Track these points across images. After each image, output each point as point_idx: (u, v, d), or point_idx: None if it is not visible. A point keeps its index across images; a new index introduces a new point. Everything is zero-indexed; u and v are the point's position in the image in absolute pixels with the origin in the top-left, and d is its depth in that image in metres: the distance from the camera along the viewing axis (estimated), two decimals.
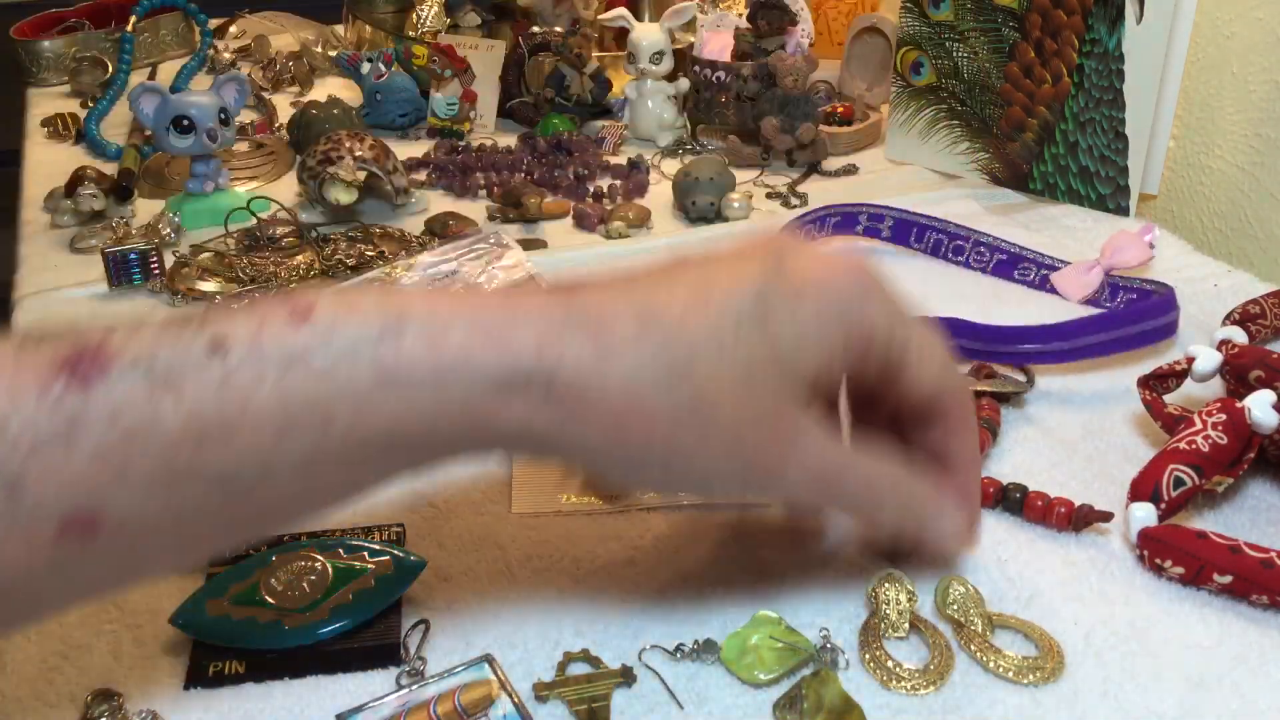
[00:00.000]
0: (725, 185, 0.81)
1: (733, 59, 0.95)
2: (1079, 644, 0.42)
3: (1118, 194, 0.79)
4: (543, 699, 0.40)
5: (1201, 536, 0.45)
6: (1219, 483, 0.48)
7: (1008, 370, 0.60)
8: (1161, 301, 0.59)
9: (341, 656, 0.42)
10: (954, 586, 0.44)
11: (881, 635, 0.43)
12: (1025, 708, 0.40)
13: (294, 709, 0.40)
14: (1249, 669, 0.41)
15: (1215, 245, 0.80)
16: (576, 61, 0.98)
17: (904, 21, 0.86)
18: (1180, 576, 0.45)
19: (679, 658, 0.42)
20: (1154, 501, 0.47)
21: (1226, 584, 0.44)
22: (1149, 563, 0.46)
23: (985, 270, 0.72)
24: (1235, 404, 0.48)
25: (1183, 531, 0.45)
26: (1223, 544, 0.44)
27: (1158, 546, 0.45)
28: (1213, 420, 0.48)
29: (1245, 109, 0.77)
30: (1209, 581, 0.44)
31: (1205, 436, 0.48)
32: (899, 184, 0.87)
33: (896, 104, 0.89)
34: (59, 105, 1.08)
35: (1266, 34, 0.74)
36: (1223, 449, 0.47)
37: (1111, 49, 0.76)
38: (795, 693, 0.40)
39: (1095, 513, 0.47)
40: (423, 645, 0.43)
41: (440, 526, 0.49)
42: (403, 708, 0.39)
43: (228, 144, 0.81)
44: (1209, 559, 0.44)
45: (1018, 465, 0.53)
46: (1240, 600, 0.44)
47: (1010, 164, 0.84)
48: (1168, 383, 0.54)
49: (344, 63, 1.07)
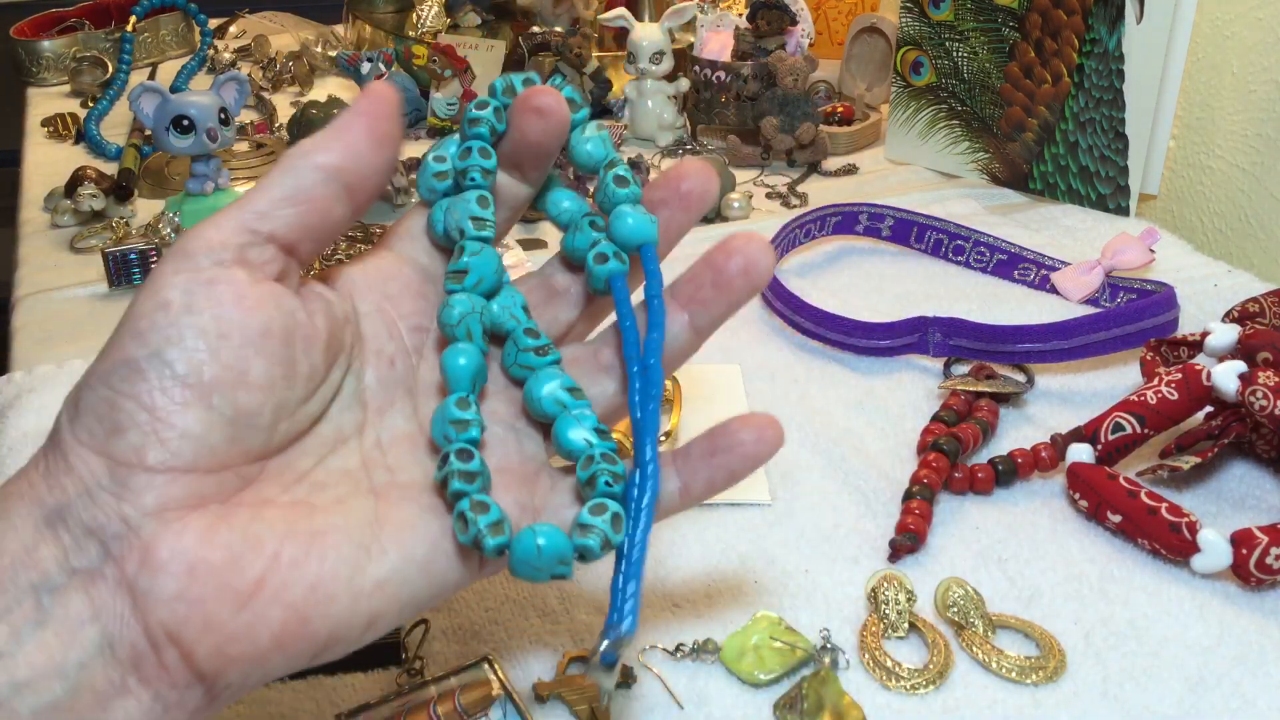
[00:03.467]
0: (725, 185, 0.81)
1: (733, 59, 0.95)
2: (1079, 644, 0.43)
3: (1118, 194, 0.79)
4: (543, 699, 0.40)
5: (1112, 478, 0.48)
6: (1186, 461, 0.49)
7: (1008, 370, 0.60)
8: (1161, 300, 0.59)
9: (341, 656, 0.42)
10: (954, 588, 0.44)
11: (881, 635, 0.43)
12: (1025, 708, 0.40)
13: (294, 709, 0.40)
14: (1249, 669, 0.41)
15: (1215, 245, 0.80)
16: (576, 61, 0.98)
17: (904, 21, 0.86)
18: (1085, 510, 0.49)
19: (679, 658, 0.42)
20: (1091, 443, 0.50)
21: (1118, 523, 0.47)
22: (1068, 496, 0.50)
23: (985, 270, 0.72)
24: (1194, 367, 0.50)
25: (1099, 471, 0.49)
26: (1124, 487, 0.47)
27: (1076, 481, 0.49)
28: (1169, 379, 0.51)
29: (1245, 109, 0.77)
30: (1105, 519, 0.48)
31: (1156, 391, 0.50)
32: (899, 184, 0.87)
33: (896, 104, 0.89)
34: (59, 105, 1.08)
35: (1266, 34, 0.74)
36: (1170, 404, 0.50)
37: (1111, 49, 0.76)
38: (795, 693, 0.40)
39: (1074, 432, 0.52)
40: (422, 645, 0.43)
41: None
42: (403, 708, 0.39)
43: (228, 144, 0.81)
44: (1107, 497, 0.47)
45: None
46: (1132, 543, 0.47)
47: (1010, 164, 0.84)
48: (1179, 350, 0.55)
49: (344, 63, 1.06)
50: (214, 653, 0.26)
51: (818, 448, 0.55)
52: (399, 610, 0.29)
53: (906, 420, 0.57)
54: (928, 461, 0.51)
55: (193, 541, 0.26)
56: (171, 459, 0.27)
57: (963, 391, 0.56)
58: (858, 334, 0.61)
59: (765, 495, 0.51)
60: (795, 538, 0.48)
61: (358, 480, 0.31)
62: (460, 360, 0.32)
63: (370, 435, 0.32)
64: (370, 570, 0.29)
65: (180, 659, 0.26)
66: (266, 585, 0.27)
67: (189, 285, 0.28)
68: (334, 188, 0.30)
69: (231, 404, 0.28)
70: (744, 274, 0.34)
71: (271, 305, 0.29)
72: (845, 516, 0.50)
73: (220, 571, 0.26)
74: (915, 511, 0.48)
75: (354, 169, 0.30)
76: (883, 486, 0.52)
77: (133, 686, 0.26)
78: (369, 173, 0.31)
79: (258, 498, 0.29)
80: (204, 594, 0.26)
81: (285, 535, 0.28)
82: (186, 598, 0.26)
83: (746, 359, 0.62)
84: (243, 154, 0.95)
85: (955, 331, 0.60)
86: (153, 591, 0.26)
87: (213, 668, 0.27)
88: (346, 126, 0.30)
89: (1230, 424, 0.50)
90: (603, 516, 0.30)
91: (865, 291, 0.70)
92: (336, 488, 0.30)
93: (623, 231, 0.34)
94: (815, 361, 0.62)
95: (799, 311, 0.64)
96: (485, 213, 0.34)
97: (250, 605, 0.27)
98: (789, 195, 0.85)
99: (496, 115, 0.34)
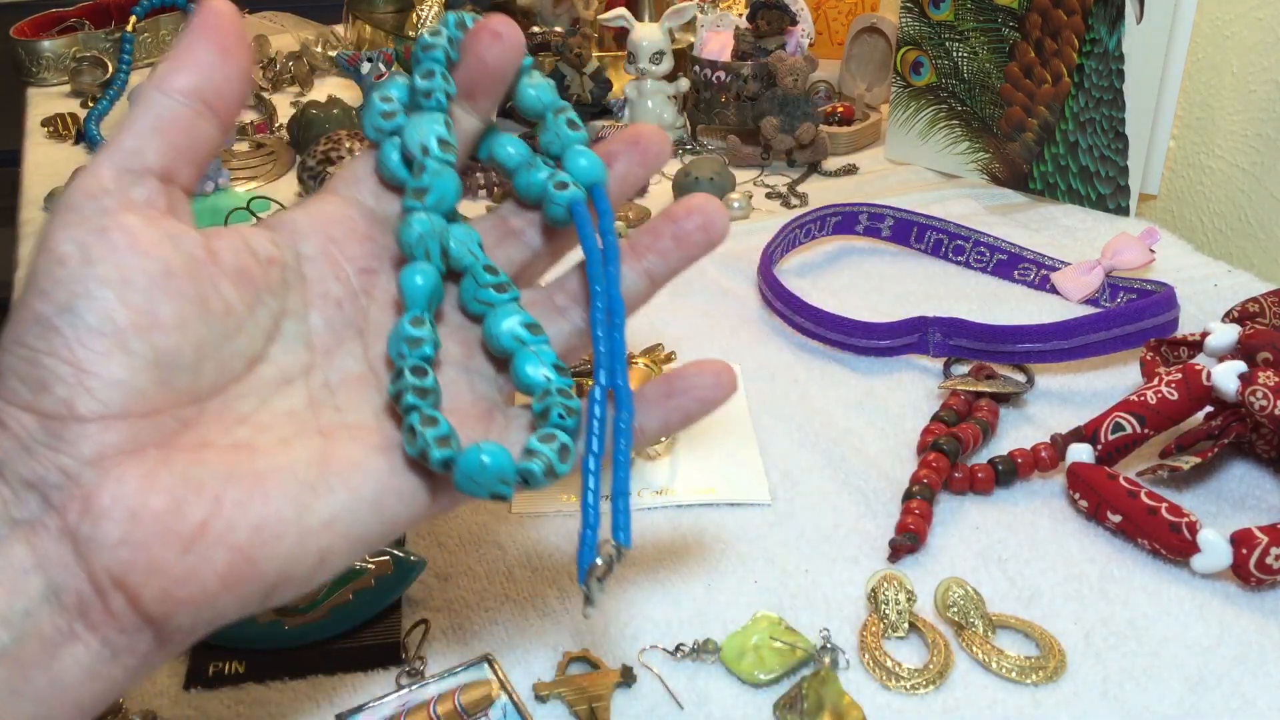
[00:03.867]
0: (725, 185, 0.81)
1: (733, 59, 0.95)
2: (1079, 644, 0.43)
3: (1118, 194, 0.79)
4: (543, 699, 0.40)
5: (1112, 478, 0.48)
6: (1186, 461, 0.49)
7: (1008, 370, 0.60)
8: (1161, 300, 0.59)
9: (341, 656, 0.42)
10: (954, 588, 0.44)
11: (881, 635, 0.43)
12: (1025, 708, 0.40)
13: (294, 709, 0.40)
14: (1249, 669, 0.41)
15: (1215, 245, 0.80)
16: (576, 61, 0.98)
17: (904, 21, 0.86)
18: (1085, 510, 0.49)
19: (679, 658, 0.42)
20: (1092, 443, 0.50)
21: (1118, 523, 0.47)
22: (1068, 496, 0.50)
23: (985, 270, 0.72)
24: (1194, 367, 0.50)
25: (1099, 471, 0.48)
26: (1124, 487, 0.47)
27: (1076, 481, 0.49)
28: (1169, 379, 0.51)
29: (1245, 109, 0.77)
30: (1105, 519, 0.48)
31: (1156, 391, 0.51)
32: (899, 184, 0.87)
33: (896, 104, 0.89)
34: (59, 105, 1.08)
35: (1266, 34, 0.74)
36: (1171, 404, 0.50)
37: (1111, 49, 0.76)
38: (795, 693, 0.40)
39: (1074, 432, 0.51)
40: (423, 645, 0.43)
41: (440, 526, 0.49)
42: (403, 708, 0.39)
43: (228, 144, 0.81)
44: (1107, 497, 0.47)
45: None
46: (1132, 543, 0.47)
47: (1010, 164, 0.84)
48: (1179, 350, 0.55)
49: (344, 63, 1.06)
50: (161, 596, 0.27)
51: (818, 448, 0.55)
52: (349, 547, 0.29)
53: (906, 420, 0.57)
54: (928, 461, 0.51)
55: (133, 487, 0.27)
56: (102, 407, 0.27)
57: (963, 391, 0.56)
58: (858, 334, 0.61)
59: (765, 495, 0.51)
60: (795, 538, 0.48)
61: (304, 421, 0.31)
62: (418, 279, 0.32)
63: (318, 377, 0.32)
64: (317, 509, 0.29)
65: (127, 604, 0.27)
66: (210, 528, 0.27)
67: (82, 238, 0.28)
68: (194, 107, 0.30)
69: (150, 346, 0.28)
70: (702, 229, 0.36)
71: (168, 245, 0.29)
72: (845, 516, 0.50)
73: (163, 516, 0.27)
74: (915, 511, 0.48)
75: (209, 84, 0.30)
76: (883, 486, 0.52)
77: (80, 633, 0.27)
78: (224, 83, 0.30)
79: (198, 440, 0.29)
80: (147, 538, 0.26)
81: (227, 477, 0.28)
82: (130, 542, 0.26)
83: (746, 359, 0.62)
84: (243, 154, 0.95)
85: (955, 331, 0.60)
86: (96, 538, 0.26)
87: (160, 611, 0.27)
88: (190, 47, 0.30)
89: (1230, 424, 0.50)
90: (551, 445, 0.31)
91: (865, 291, 0.70)
92: (281, 429, 0.30)
93: (576, 171, 0.35)
94: (815, 361, 0.62)
95: (799, 311, 0.64)
96: (451, 136, 0.34)
97: (194, 548, 0.27)
98: (789, 195, 0.85)
99: (451, 45, 0.34)
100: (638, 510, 0.50)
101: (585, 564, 0.31)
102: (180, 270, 0.29)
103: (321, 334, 0.33)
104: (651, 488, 0.51)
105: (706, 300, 0.69)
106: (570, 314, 0.36)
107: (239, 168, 0.91)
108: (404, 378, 0.31)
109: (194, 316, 0.29)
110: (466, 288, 0.34)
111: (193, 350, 0.29)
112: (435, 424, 0.30)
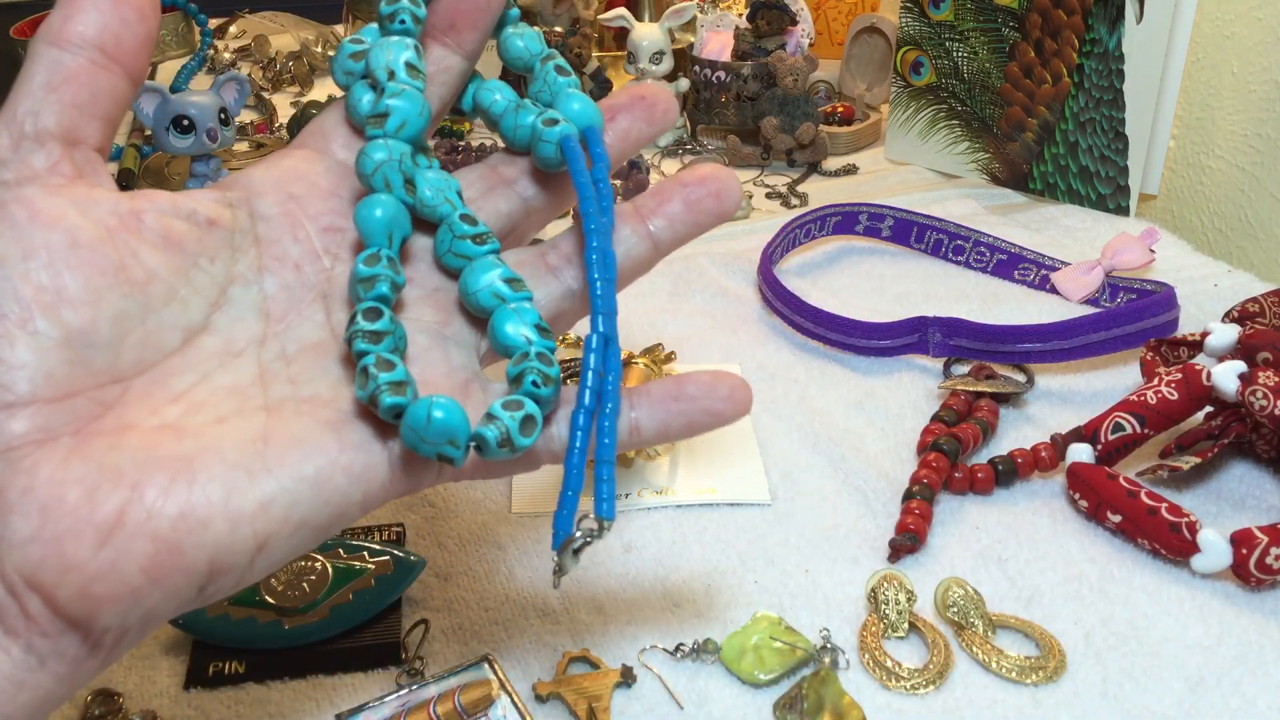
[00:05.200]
0: None
1: (733, 59, 0.95)
2: (1079, 644, 0.43)
3: (1118, 194, 0.79)
4: (543, 699, 0.40)
5: (1112, 478, 0.48)
6: (1186, 461, 0.49)
7: (1008, 370, 0.60)
8: (1161, 300, 0.59)
9: (341, 656, 0.42)
10: (954, 588, 0.44)
11: (881, 635, 0.43)
12: (1025, 708, 0.40)
13: (294, 709, 0.40)
14: (1249, 669, 0.41)
15: (1215, 245, 0.80)
16: (576, 61, 0.98)
17: (904, 21, 0.86)
18: (1085, 510, 0.49)
19: (679, 658, 0.42)
20: (1092, 443, 0.50)
21: (1118, 523, 0.47)
22: (1068, 496, 0.50)
23: (985, 270, 0.72)
24: (1194, 367, 0.50)
25: (1099, 471, 0.48)
26: (1124, 487, 0.47)
27: (1076, 481, 0.49)
28: (1169, 379, 0.51)
29: (1245, 109, 0.77)
30: (1105, 519, 0.48)
31: (1156, 392, 0.51)
32: (899, 184, 0.87)
33: (896, 104, 0.89)
34: None
35: (1266, 34, 0.74)
36: (1171, 404, 0.50)
37: (1111, 49, 0.76)
38: (795, 693, 0.40)
39: (1074, 432, 0.51)
40: (422, 645, 0.43)
41: (440, 526, 0.49)
42: (403, 708, 0.39)
43: (228, 144, 0.81)
44: (1107, 497, 0.47)
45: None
46: (1132, 543, 0.47)
47: (1010, 164, 0.84)
48: (1179, 350, 0.55)
49: None
50: (78, 595, 0.25)
51: (818, 448, 0.55)
52: (292, 532, 0.27)
53: (906, 420, 0.57)
54: (928, 461, 0.51)
55: (44, 479, 0.25)
56: (6, 394, 0.25)
57: (963, 391, 0.56)
58: (858, 334, 0.61)
59: (765, 495, 0.51)
60: (795, 538, 0.48)
61: (247, 396, 0.28)
62: (376, 211, 0.29)
63: (273, 347, 0.30)
64: (251, 492, 0.26)
65: (44, 605, 0.25)
66: (129, 517, 0.25)
67: None
68: (92, 58, 0.27)
69: (58, 325, 0.26)
70: (715, 197, 0.34)
71: (75, 214, 0.27)
72: (845, 516, 0.50)
73: (76, 508, 0.25)
74: (915, 511, 0.48)
75: (105, 31, 0.27)
76: (883, 486, 0.52)
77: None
78: (123, 28, 0.28)
79: (119, 423, 0.26)
80: (59, 533, 0.24)
81: (146, 463, 0.26)
82: (41, 539, 0.24)
83: (746, 359, 0.62)
84: (243, 154, 0.95)
85: (955, 331, 0.60)
86: (5, 536, 0.24)
87: (81, 611, 0.25)
88: None
89: (1230, 424, 0.50)
90: (514, 413, 0.28)
91: (865, 291, 0.70)
92: (219, 406, 0.28)
93: (569, 115, 0.32)
94: (815, 361, 0.62)
95: (799, 311, 0.64)
96: (420, 62, 0.31)
97: (111, 540, 0.25)
98: (789, 195, 0.85)
99: None
100: (638, 510, 0.50)
101: (561, 529, 0.28)
102: (89, 240, 0.26)
103: (278, 300, 0.30)
104: (651, 488, 0.51)
105: (706, 300, 0.69)
106: (563, 274, 0.33)
107: (239, 168, 0.91)
108: (356, 323, 0.28)
109: (108, 288, 0.27)
110: (442, 239, 0.31)
111: (110, 325, 0.27)
112: (391, 368, 0.27)
